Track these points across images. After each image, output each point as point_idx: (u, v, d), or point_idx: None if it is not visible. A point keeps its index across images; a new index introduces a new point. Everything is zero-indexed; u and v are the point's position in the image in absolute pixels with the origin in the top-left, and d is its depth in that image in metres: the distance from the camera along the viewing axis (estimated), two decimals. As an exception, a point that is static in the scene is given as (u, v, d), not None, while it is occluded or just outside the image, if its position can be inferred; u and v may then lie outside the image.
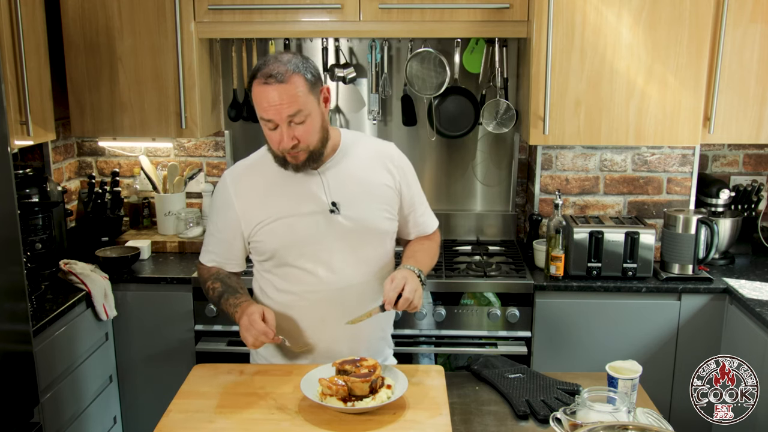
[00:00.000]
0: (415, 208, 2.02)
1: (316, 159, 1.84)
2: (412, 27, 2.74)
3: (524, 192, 3.24)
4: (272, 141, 1.80)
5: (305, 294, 1.90)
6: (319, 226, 1.87)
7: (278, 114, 1.73)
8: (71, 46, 2.82)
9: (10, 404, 1.95)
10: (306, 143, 1.78)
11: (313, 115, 1.77)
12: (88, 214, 3.01)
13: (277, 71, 1.71)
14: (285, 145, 1.77)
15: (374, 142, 2.04)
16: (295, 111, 1.73)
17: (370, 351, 1.96)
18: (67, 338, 2.43)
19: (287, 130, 1.75)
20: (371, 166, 1.94)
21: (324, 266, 1.88)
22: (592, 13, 2.58)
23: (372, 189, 1.92)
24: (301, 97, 1.73)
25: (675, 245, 2.73)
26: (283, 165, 1.84)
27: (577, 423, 1.52)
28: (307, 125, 1.77)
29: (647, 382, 1.89)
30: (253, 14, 2.76)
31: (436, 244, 2.08)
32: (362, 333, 1.93)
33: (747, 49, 2.66)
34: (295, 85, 1.72)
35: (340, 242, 1.88)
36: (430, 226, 2.08)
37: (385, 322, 2.05)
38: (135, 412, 2.85)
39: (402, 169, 1.98)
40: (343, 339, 1.92)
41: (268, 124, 1.77)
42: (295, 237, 1.87)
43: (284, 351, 1.97)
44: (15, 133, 2.47)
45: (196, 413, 1.65)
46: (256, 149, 2.02)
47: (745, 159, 3.14)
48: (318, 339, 1.92)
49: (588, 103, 2.65)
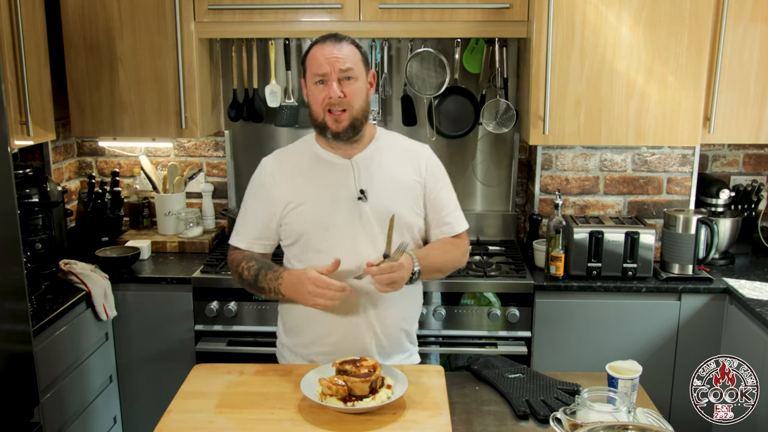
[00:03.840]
0: (439, 209, 2.04)
1: (357, 129, 1.91)
2: (412, 27, 2.74)
3: (524, 192, 3.24)
4: (318, 97, 1.87)
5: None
6: (345, 212, 1.92)
7: (332, 66, 1.83)
8: (71, 46, 2.82)
9: (10, 404, 1.95)
10: (351, 102, 1.86)
11: (360, 81, 1.89)
12: (88, 214, 3.01)
13: (335, 35, 1.88)
14: (333, 95, 1.83)
15: (408, 141, 2.09)
16: (348, 66, 1.84)
17: (391, 341, 2.00)
18: (67, 338, 2.43)
19: (337, 85, 1.84)
20: (401, 162, 2.00)
21: (349, 253, 1.89)
22: (592, 13, 2.58)
23: (400, 182, 1.97)
24: (354, 59, 1.87)
25: (675, 245, 2.73)
26: (322, 132, 1.91)
27: (577, 423, 1.52)
28: (356, 87, 1.87)
29: (647, 382, 1.89)
30: (253, 14, 2.77)
31: (456, 247, 2.06)
32: (385, 322, 1.97)
33: (747, 49, 2.66)
34: (350, 48, 1.87)
35: (365, 230, 1.92)
36: (455, 228, 2.06)
37: (409, 316, 2.08)
38: (135, 412, 2.86)
39: (430, 170, 2.03)
40: (364, 327, 1.95)
41: (318, 77, 1.85)
42: (322, 221, 1.91)
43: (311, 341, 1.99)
44: (15, 133, 2.47)
45: (196, 413, 1.65)
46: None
47: (745, 159, 3.14)
48: (341, 326, 1.95)
49: (588, 103, 2.65)
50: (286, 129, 3.13)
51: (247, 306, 2.72)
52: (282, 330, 2.10)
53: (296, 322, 2.02)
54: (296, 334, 2.03)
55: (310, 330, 1.99)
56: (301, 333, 2.02)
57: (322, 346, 1.97)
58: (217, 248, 3.10)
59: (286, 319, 2.07)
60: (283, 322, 2.09)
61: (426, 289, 2.67)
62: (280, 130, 3.15)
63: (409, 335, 2.10)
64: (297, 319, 2.01)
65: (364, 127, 1.94)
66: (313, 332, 1.98)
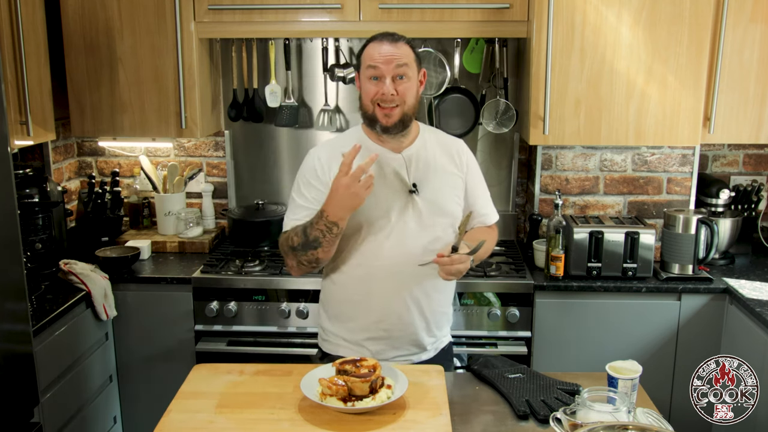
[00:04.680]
0: (476, 201, 2.15)
1: (406, 124, 1.97)
2: (412, 27, 2.74)
3: (524, 192, 3.24)
4: (370, 92, 1.93)
5: (381, 268, 1.98)
6: (399, 204, 1.98)
7: (388, 63, 1.90)
8: (71, 46, 2.82)
9: (10, 404, 1.95)
10: (403, 99, 1.93)
11: (413, 81, 1.96)
12: (88, 214, 3.01)
13: (392, 34, 1.95)
14: (386, 91, 1.89)
15: (446, 136, 2.17)
16: (403, 63, 1.91)
17: (438, 325, 2.10)
18: (67, 338, 2.43)
19: (390, 81, 1.91)
20: (444, 156, 2.08)
21: (400, 242, 1.97)
22: (592, 13, 2.58)
23: (445, 175, 2.06)
24: (409, 59, 1.94)
25: (675, 245, 2.73)
26: (372, 124, 1.97)
27: (577, 423, 1.52)
28: (409, 85, 1.94)
29: (647, 382, 1.89)
30: (253, 14, 2.77)
31: (491, 237, 2.18)
32: (433, 306, 2.06)
33: (747, 49, 2.66)
34: (405, 48, 1.94)
35: (415, 221, 1.99)
36: (491, 218, 2.19)
37: (449, 302, 2.16)
38: (135, 412, 2.85)
39: (469, 164, 2.13)
40: (415, 312, 2.02)
41: (373, 72, 1.91)
42: (376, 212, 1.97)
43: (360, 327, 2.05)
44: (15, 133, 2.47)
45: (196, 413, 1.65)
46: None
47: (745, 159, 3.14)
48: (390, 311, 2.01)
49: (588, 103, 2.65)
50: (286, 129, 3.13)
51: (247, 306, 2.72)
52: (325, 317, 2.13)
53: (344, 309, 2.06)
54: (343, 321, 2.07)
55: (361, 317, 2.03)
56: (349, 320, 2.06)
57: (374, 331, 2.03)
58: (217, 248, 3.10)
59: (332, 306, 2.10)
60: (327, 309, 2.12)
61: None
62: (280, 130, 3.15)
63: (449, 317, 2.18)
64: (345, 305, 2.05)
65: (412, 123, 2.01)
66: (363, 319, 2.03)
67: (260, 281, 2.72)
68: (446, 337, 2.18)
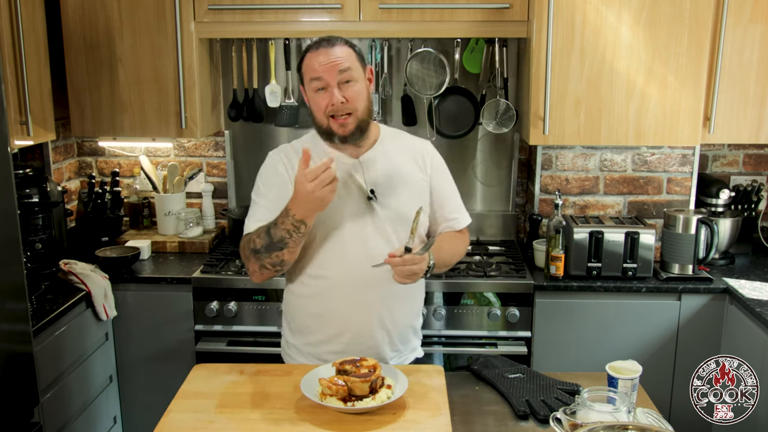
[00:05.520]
0: (444, 205, 2.06)
1: (363, 130, 1.90)
2: (412, 27, 2.74)
3: (524, 192, 3.24)
4: (320, 105, 1.85)
5: (339, 278, 1.92)
6: (356, 211, 1.92)
7: (329, 72, 1.81)
8: (71, 46, 2.82)
9: (10, 404, 1.95)
10: (355, 105, 1.84)
11: (360, 82, 1.87)
12: (88, 214, 3.01)
13: (328, 39, 1.86)
14: (336, 101, 1.82)
15: (411, 138, 2.10)
16: (346, 67, 1.82)
17: (401, 338, 2.02)
18: (67, 338, 2.42)
19: (337, 90, 1.82)
20: (407, 160, 2.01)
21: (360, 251, 1.90)
22: (592, 13, 2.58)
23: (407, 180, 1.98)
24: (351, 60, 1.85)
25: (675, 245, 2.73)
26: (329, 137, 1.89)
27: (577, 423, 1.52)
28: (356, 89, 1.85)
29: (647, 382, 1.89)
30: (253, 14, 2.77)
31: (461, 241, 2.10)
32: (396, 318, 1.98)
33: (747, 49, 2.66)
34: (344, 49, 1.85)
35: (375, 229, 1.92)
36: (460, 223, 2.10)
37: (416, 311, 2.10)
38: (135, 412, 2.85)
39: (434, 167, 2.05)
40: (376, 324, 1.95)
41: (317, 84, 1.83)
42: (333, 221, 1.90)
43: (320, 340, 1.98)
44: (15, 133, 2.47)
45: (196, 413, 1.65)
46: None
47: (745, 159, 3.14)
48: (353, 325, 1.95)
49: (588, 103, 2.65)
50: (286, 129, 3.13)
51: (247, 306, 2.72)
52: (287, 330, 2.08)
53: (306, 322, 2.01)
54: (305, 333, 2.02)
55: (321, 330, 1.98)
56: (310, 333, 2.00)
57: (334, 345, 1.97)
58: (217, 248, 3.10)
59: (294, 318, 2.04)
60: (288, 322, 2.07)
61: (426, 289, 2.66)
62: (280, 130, 3.15)
63: (416, 330, 2.11)
64: (307, 318, 2.00)
65: (370, 126, 1.94)
66: (324, 332, 1.98)
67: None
68: (414, 352, 2.11)
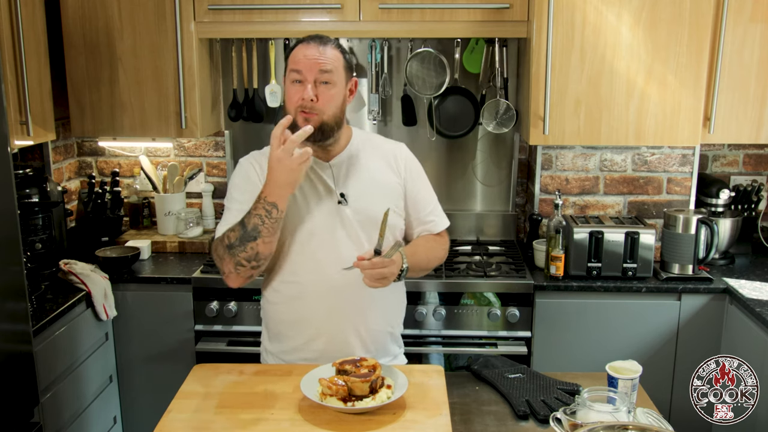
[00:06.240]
0: (420, 208, 2.02)
1: (326, 135, 1.85)
2: (412, 27, 2.74)
3: (524, 192, 3.24)
4: (293, 98, 1.82)
5: (312, 284, 1.90)
6: (326, 216, 1.89)
7: (311, 67, 1.80)
8: (71, 46, 2.82)
9: (10, 404, 1.95)
10: (323, 107, 1.82)
11: (339, 88, 1.84)
12: (88, 214, 3.01)
13: (321, 38, 1.85)
14: (306, 97, 1.79)
15: (385, 141, 2.07)
16: (328, 69, 1.81)
17: (377, 345, 1.97)
18: (67, 338, 2.43)
19: (313, 86, 1.80)
20: (380, 163, 1.98)
21: (331, 256, 1.87)
22: (592, 13, 2.58)
23: (379, 184, 1.95)
24: (336, 64, 1.83)
25: (675, 245, 2.73)
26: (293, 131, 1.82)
27: (577, 423, 1.52)
28: (332, 92, 1.82)
29: (647, 382, 1.89)
30: (253, 14, 2.76)
31: (439, 245, 2.06)
32: (370, 325, 1.95)
33: (747, 48, 2.66)
34: (333, 52, 1.84)
35: (347, 233, 1.90)
36: (437, 226, 2.06)
37: (394, 319, 2.05)
38: (135, 412, 2.86)
39: (408, 169, 2.01)
40: (349, 330, 1.92)
41: (296, 76, 1.81)
42: (303, 225, 1.88)
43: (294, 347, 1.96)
44: (15, 133, 2.47)
45: (196, 413, 1.65)
46: (256, 149, 2.02)
47: (745, 159, 3.14)
48: (326, 332, 1.92)
49: (588, 103, 2.65)
50: (286, 129, 3.13)
51: (247, 306, 2.72)
52: (266, 336, 2.05)
53: (280, 329, 1.98)
54: (280, 340, 1.99)
55: (295, 336, 1.95)
56: (285, 339, 1.97)
57: (308, 352, 1.94)
58: (217, 248, 3.09)
59: (270, 325, 2.02)
60: (267, 328, 2.04)
61: (426, 289, 2.68)
62: (280, 130, 3.14)
63: (395, 337, 2.07)
64: (280, 325, 1.97)
65: (337, 133, 1.89)
66: (297, 339, 1.95)
67: (260, 281, 2.71)
68: (394, 359, 2.05)
